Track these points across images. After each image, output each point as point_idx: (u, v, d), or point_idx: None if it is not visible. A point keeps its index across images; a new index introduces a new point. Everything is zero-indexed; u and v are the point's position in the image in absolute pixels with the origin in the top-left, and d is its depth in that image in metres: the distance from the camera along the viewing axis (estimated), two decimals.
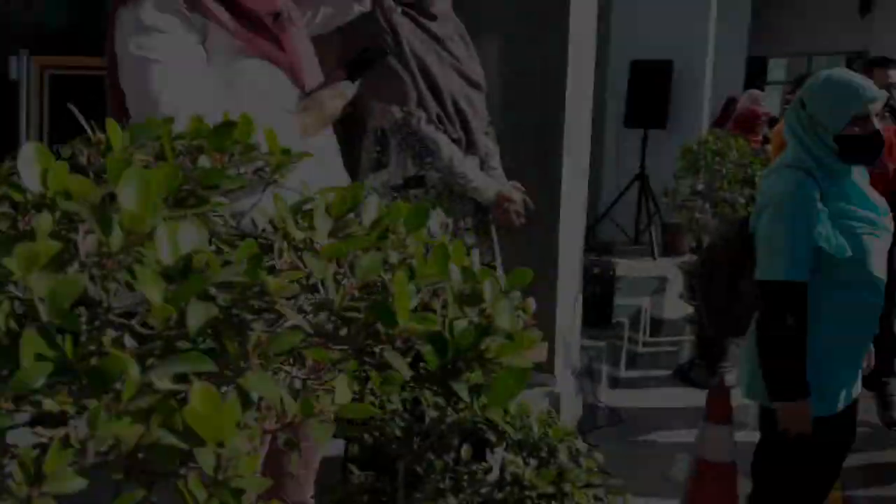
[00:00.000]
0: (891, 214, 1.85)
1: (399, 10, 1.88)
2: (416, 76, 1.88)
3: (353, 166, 2.05)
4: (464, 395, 0.44)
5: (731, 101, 7.16)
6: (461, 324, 0.44)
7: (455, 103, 1.98)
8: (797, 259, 1.75)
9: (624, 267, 5.05)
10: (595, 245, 5.79)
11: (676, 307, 5.05)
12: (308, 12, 1.64)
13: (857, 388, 1.92)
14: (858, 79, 1.81)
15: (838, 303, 1.80)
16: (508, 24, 2.82)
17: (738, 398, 2.20)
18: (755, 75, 9.72)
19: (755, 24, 8.54)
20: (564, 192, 2.87)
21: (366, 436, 1.25)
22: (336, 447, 1.69)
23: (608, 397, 3.57)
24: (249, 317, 0.39)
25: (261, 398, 0.37)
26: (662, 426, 3.36)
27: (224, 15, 1.34)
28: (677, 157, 4.15)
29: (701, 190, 3.79)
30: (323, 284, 0.42)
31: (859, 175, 1.87)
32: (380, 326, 0.41)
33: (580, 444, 1.04)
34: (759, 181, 2.01)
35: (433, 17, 1.95)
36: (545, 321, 2.96)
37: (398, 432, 1.18)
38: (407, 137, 1.92)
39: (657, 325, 4.82)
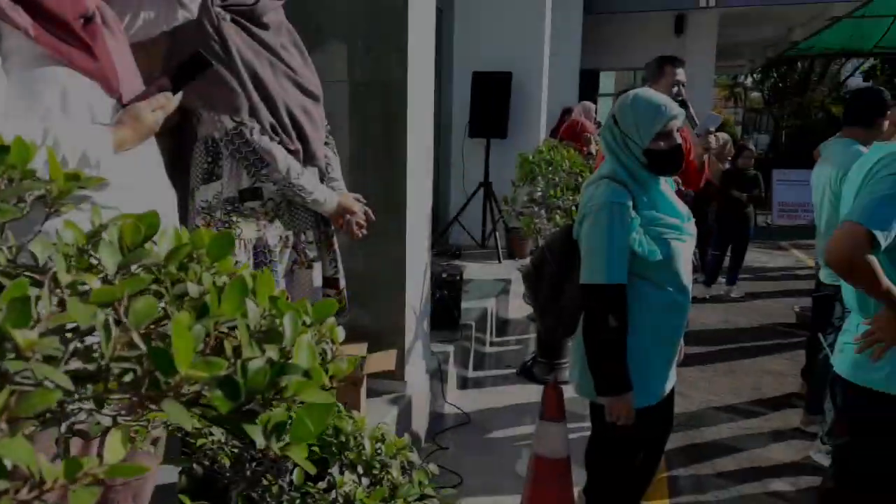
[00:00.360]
0: (694, 220, 2.06)
1: (228, 17, 1.81)
2: (248, 85, 1.81)
3: (182, 178, 1.95)
4: (258, 438, 0.43)
5: (567, 112, 7.64)
6: (256, 364, 0.43)
7: (291, 114, 1.93)
8: (616, 263, 1.89)
9: (472, 270, 5.24)
10: (445, 250, 5.94)
11: (520, 307, 5.30)
12: (126, 17, 1.53)
13: (673, 380, 2.11)
14: (662, 98, 1.98)
15: (652, 302, 1.97)
16: (347, 36, 2.82)
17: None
18: (588, 87, 10.45)
19: (586, 40, 9.18)
20: (410, 201, 2.91)
21: (195, 466, 1.19)
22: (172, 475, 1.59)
23: (457, 398, 3.66)
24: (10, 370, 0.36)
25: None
26: (509, 423, 3.50)
27: (22, 17, 1.21)
28: (516, 167, 4.35)
29: (537, 198, 4.00)
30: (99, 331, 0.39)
31: (665, 185, 2.06)
32: (159, 375, 0.38)
33: (413, 457, 1.05)
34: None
35: (265, 27, 1.89)
36: (394, 328, 2.99)
37: (230, 460, 1.13)
38: (240, 148, 1.84)
39: (503, 325, 5.03)
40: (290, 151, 1.93)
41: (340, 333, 0.66)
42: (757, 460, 3.25)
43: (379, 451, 0.99)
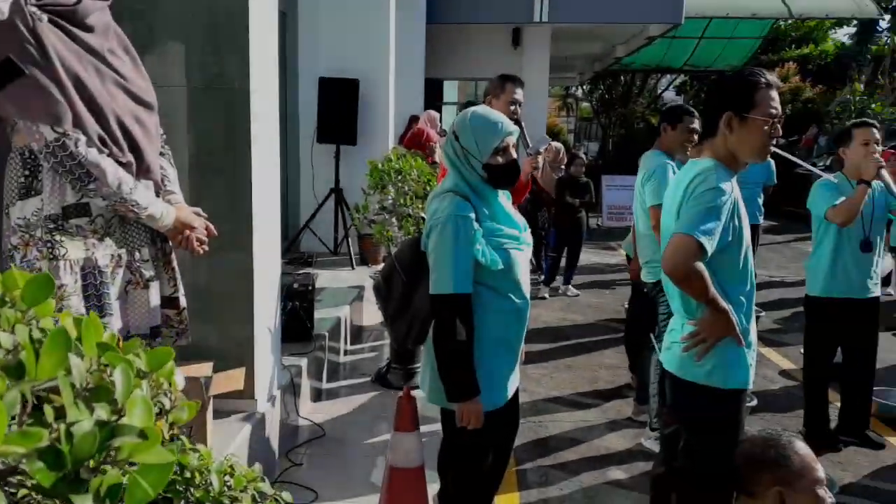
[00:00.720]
0: (530, 230, 2.19)
1: (45, 18, 1.64)
2: (70, 92, 1.65)
3: None
4: None
5: (414, 119, 7.76)
6: (83, 427, 0.40)
7: (121, 124, 1.79)
8: (462, 274, 1.97)
9: (325, 278, 5.16)
10: (297, 258, 5.80)
11: (374, 314, 5.29)
12: None
13: (517, 381, 2.21)
14: (497, 116, 2.10)
15: (496, 309, 2.07)
16: (183, 38, 2.66)
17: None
18: (432, 96, 10.68)
19: (431, 50, 9.39)
20: (257, 208, 2.81)
21: None
22: None
23: (311, 412, 3.59)
24: None
25: None
26: (364, 433, 3.49)
27: None
28: (366, 174, 4.34)
29: (388, 206, 4.02)
30: None
31: (503, 197, 2.18)
32: None
33: (265, 487, 1.02)
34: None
35: (89, 29, 1.74)
36: (244, 345, 2.86)
37: None
38: (63, 161, 1.68)
39: (357, 333, 5.00)
40: (121, 164, 1.79)
41: (179, 381, 0.62)
42: (596, 450, 3.49)
43: (228, 485, 0.95)
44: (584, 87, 21.53)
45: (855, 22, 15.41)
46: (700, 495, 2.05)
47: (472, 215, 1.99)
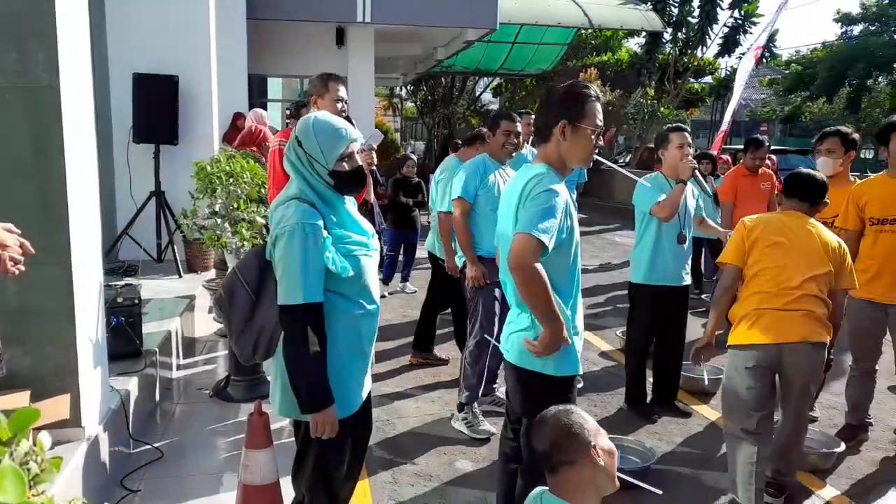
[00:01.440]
0: (373, 235, 2.21)
1: None
2: None
3: None
4: None
5: (238, 117, 7.45)
6: None
7: None
8: (313, 282, 1.94)
9: (150, 289, 4.78)
10: (116, 267, 5.31)
11: (207, 323, 5.02)
12: None
13: (369, 385, 2.23)
14: (341, 122, 2.10)
15: (347, 316, 2.06)
16: None
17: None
18: (257, 93, 10.31)
19: (253, 46, 9.05)
20: (73, 218, 2.55)
21: None
22: None
23: (146, 434, 3.34)
24: None
25: None
26: (205, 451, 3.31)
27: None
28: (192, 176, 4.10)
29: (219, 210, 3.83)
30: None
31: (350, 203, 2.18)
32: None
33: None
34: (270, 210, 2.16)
35: None
36: (65, 368, 2.60)
37: None
38: None
39: (190, 346, 4.72)
40: None
41: (45, 440, 0.57)
42: (442, 442, 3.61)
43: None
44: (408, 87, 21.95)
45: (644, 33, 17.19)
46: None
47: (321, 222, 1.97)
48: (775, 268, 2.77)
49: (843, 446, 3.46)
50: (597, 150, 2.26)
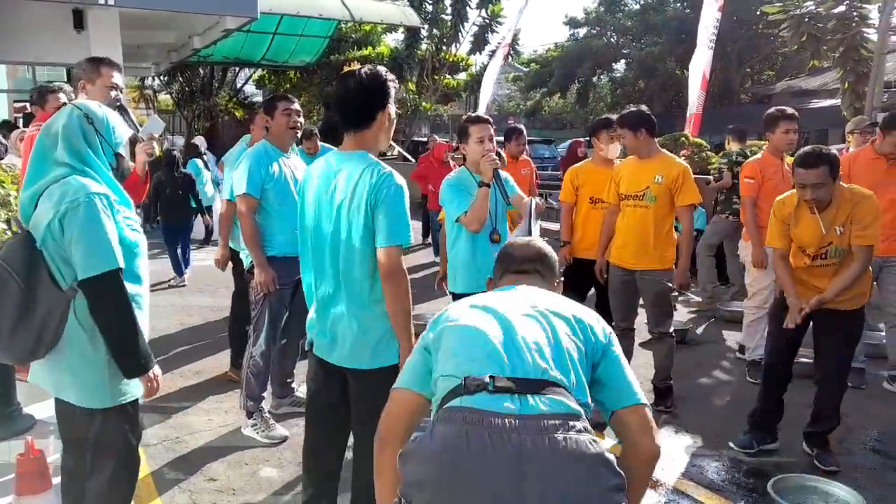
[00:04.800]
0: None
1: None
2: None
3: None
4: None
5: None
6: None
7: None
8: (117, 247, 1.94)
9: None
10: None
11: None
12: None
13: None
14: (105, 110, 2.14)
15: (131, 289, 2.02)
16: None
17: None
18: None
19: None
20: None
21: None
22: None
23: None
24: None
25: None
26: None
27: None
28: None
29: None
30: None
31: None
32: None
33: None
34: (19, 199, 2.04)
35: None
36: None
37: None
38: None
39: None
40: None
41: None
42: (241, 454, 3.43)
43: None
44: (162, 78, 20.24)
45: (403, 29, 17.78)
46: None
47: (109, 193, 1.99)
48: None
49: None
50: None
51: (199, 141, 12.02)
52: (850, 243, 3.16)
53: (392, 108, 2.23)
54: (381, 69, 2.25)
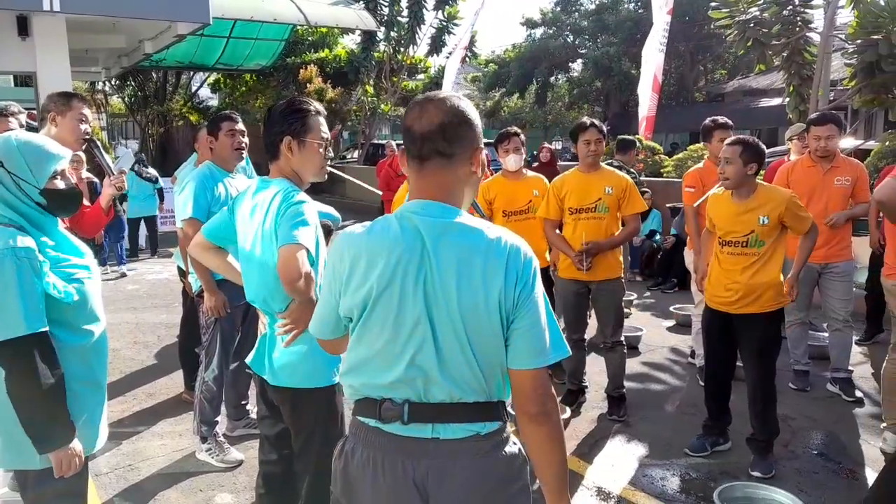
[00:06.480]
0: (91, 254, 2.07)
1: None
2: None
3: None
4: None
5: None
6: None
7: None
8: (33, 310, 1.78)
9: None
10: None
11: None
12: None
13: (106, 419, 2.10)
14: (44, 139, 1.97)
15: (74, 346, 1.91)
16: None
17: None
18: None
19: None
20: None
21: None
22: None
23: None
24: None
25: None
26: None
27: None
28: None
29: None
30: None
31: (62, 225, 2.04)
32: None
33: None
34: None
35: None
36: None
37: None
38: None
39: None
40: None
41: None
42: (197, 480, 3.38)
43: None
44: (113, 82, 19.74)
45: (359, 31, 17.66)
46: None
47: (34, 247, 1.82)
48: None
49: (568, 412, 4.01)
50: (329, 161, 2.32)
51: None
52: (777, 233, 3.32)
53: (310, 138, 2.20)
54: (297, 100, 2.24)
